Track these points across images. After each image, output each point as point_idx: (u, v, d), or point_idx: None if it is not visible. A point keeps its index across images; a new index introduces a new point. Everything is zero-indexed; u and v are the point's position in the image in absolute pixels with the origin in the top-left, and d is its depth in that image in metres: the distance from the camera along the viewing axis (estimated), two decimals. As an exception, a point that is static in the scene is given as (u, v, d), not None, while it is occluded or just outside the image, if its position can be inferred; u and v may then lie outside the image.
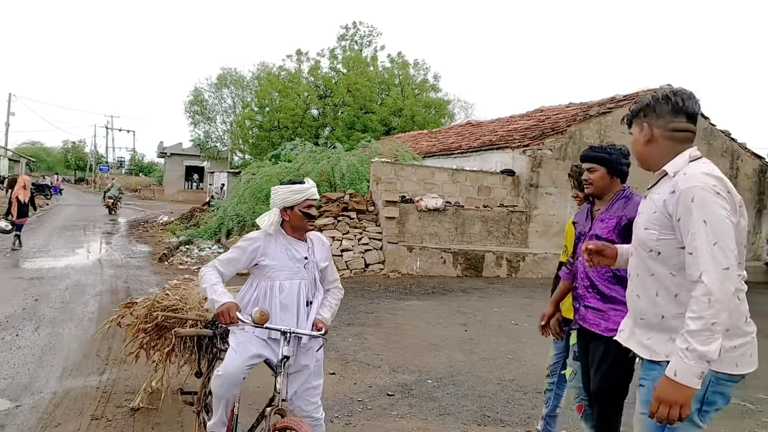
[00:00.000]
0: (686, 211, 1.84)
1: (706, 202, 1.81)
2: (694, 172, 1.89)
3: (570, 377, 3.30)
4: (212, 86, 41.14)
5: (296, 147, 14.19)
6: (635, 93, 13.67)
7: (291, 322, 2.72)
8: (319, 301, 2.88)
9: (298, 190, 2.79)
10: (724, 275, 1.75)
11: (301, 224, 2.82)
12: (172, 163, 43.60)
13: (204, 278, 2.67)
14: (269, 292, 2.74)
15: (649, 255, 1.99)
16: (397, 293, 9.24)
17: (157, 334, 4.02)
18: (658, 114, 2.03)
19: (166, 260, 11.74)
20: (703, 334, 1.73)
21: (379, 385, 4.83)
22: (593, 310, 2.84)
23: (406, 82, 32.21)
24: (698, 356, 1.73)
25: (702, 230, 1.79)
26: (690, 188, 1.84)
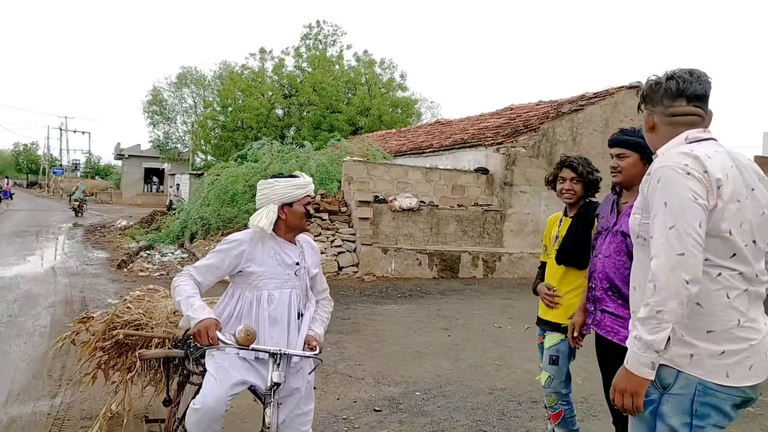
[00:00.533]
0: (653, 192, 1.73)
1: (670, 183, 1.68)
2: (670, 153, 1.77)
3: (546, 382, 3.07)
4: (172, 85, 40.01)
5: (263, 146, 13.69)
6: (605, 90, 13.71)
7: (281, 338, 2.34)
8: (311, 313, 2.50)
9: (300, 184, 2.45)
10: (676, 262, 1.61)
11: (300, 223, 2.47)
12: (131, 166, 42.17)
13: (177, 289, 2.26)
14: (256, 304, 2.36)
15: (637, 242, 1.87)
16: (373, 297, 8.89)
17: (117, 352, 3.56)
18: (655, 100, 1.91)
19: (126, 267, 11.08)
20: (649, 322, 1.63)
21: (364, 399, 4.46)
22: (611, 315, 2.54)
23: (372, 81, 31.89)
24: (644, 344, 1.63)
25: (661, 213, 1.67)
26: (659, 168, 1.73)
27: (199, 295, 2.27)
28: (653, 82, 1.92)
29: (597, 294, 2.61)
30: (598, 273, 2.59)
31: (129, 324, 3.40)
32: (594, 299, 2.63)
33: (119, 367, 3.57)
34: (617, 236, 2.54)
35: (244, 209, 12.98)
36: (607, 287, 2.55)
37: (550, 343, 3.01)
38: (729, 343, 1.68)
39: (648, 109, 1.93)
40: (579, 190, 3.10)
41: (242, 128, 30.44)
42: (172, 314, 3.24)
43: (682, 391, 1.70)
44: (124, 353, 3.54)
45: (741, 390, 1.69)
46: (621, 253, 2.52)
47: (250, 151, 14.26)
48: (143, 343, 3.32)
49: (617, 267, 2.52)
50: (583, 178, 3.08)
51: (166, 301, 3.48)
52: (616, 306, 2.53)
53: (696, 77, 1.86)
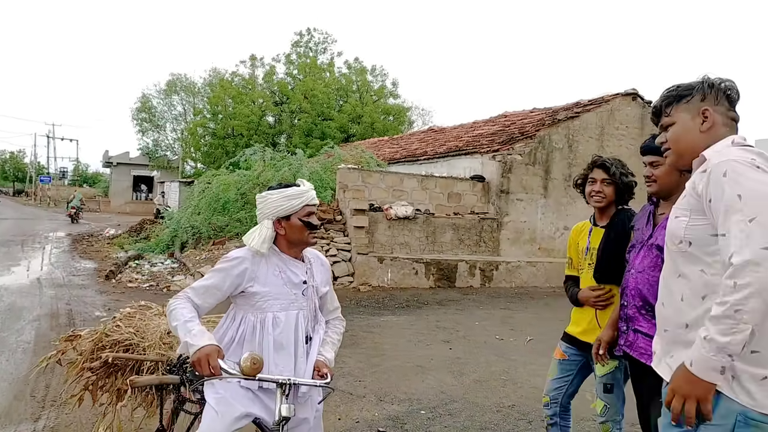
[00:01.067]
0: (717, 187, 1.56)
1: (742, 175, 1.53)
2: (728, 148, 1.65)
3: (602, 412, 2.83)
4: (161, 93, 39.62)
5: (255, 153, 13.47)
6: (600, 97, 13.65)
7: (288, 365, 2.13)
8: (320, 336, 2.28)
9: (295, 194, 2.20)
10: (763, 256, 1.42)
11: (301, 237, 2.22)
12: (119, 173, 41.67)
13: (174, 313, 2.04)
14: (260, 327, 2.14)
15: (679, 249, 1.69)
16: (370, 308, 8.67)
17: (106, 373, 3.32)
18: (719, 99, 1.77)
19: (114, 278, 10.78)
20: (724, 322, 1.44)
21: (366, 419, 4.25)
22: (645, 336, 2.33)
23: (364, 88, 31.80)
24: (716, 347, 1.45)
25: (737, 205, 1.50)
26: (722, 162, 1.58)
27: (197, 319, 2.05)
28: (718, 80, 1.79)
29: (629, 312, 2.41)
30: (630, 290, 2.39)
31: (119, 344, 3.17)
32: (626, 318, 2.43)
33: (108, 389, 3.34)
34: (652, 250, 2.33)
35: (236, 218, 12.75)
36: (641, 305, 2.36)
37: (603, 371, 2.78)
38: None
39: (709, 107, 1.76)
40: (610, 193, 2.86)
41: (233, 136, 30.17)
42: (165, 334, 3.01)
43: (720, 421, 1.52)
44: (113, 374, 3.30)
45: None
46: (656, 268, 2.30)
47: (243, 158, 14.04)
48: (134, 364, 3.10)
49: (651, 284, 2.31)
50: (615, 179, 2.83)
51: (159, 319, 3.25)
52: (650, 326, 2.31)
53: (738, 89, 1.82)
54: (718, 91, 1.78)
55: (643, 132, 13.35)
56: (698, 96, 1.77)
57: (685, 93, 1.79)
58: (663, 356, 1.76)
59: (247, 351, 2.05)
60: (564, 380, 3.03)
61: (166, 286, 10.03)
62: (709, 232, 1.61)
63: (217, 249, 12.17)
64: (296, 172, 12.25)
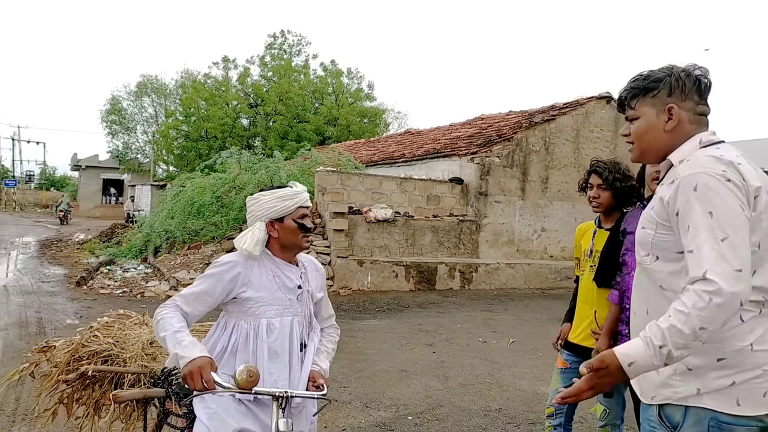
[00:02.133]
0: (687, 201, 1.49)
1: (712, 191, 1.46)
2: (699, 157, 1.54)
3: (602, 416, 2.82)
4: (131, 94, 38.78)
5: (232, 156, 13.25)
6: (575, 100, 13.83)
7: (282, 374, 2.03)
8: (315, 344, 2.19)
9: (289, 195, 2.12)
10: (736, 278, 1.39)
11: (295, 240, 2.13)
12: (88, 177, 40.64)
13: (161, 323, 1.93)
14: (253, 335, 2.03)
15: (645, 261, 1.65)
16: (351, 312, 8.58)
17: (83, 385, 3.17)
18: (688, 94, 1.64)
19: (85, 284, 10.46)
20: (684, 336, 1.39)
21: (353, 426, 4.16)
22: None
23: (340, 90, 31.66)
24: (660, 354, 1.41)
25: (707, 223, 1.44)
26: (692, 175, 1.50)
27: (187, 328, 1.94)
28: (684, 72, 1.65)
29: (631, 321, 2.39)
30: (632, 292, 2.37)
31: (97, 355, 3.02)
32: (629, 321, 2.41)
33: (85, 401, 3.19)
34: None
35: (212, 221, 12.51)
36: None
37: None
38: (740, 372, 1.50)
39: (674, 103, 1.64)
40: (606, 198, 2.83)
41: (206, 138, 29.71)
42: (148, 344, 2.88)
43: (693, 429, 1.52)
44: (90, 386, 3.15)
45: (757, 419, 1.50)
46: None
47: (218, 161, 13.79)
48: (113, 376, 2.96)
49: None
50: (609, 184, 2.81)
51: (139, 328, 3.11)
52: None
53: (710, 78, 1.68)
54: (686, 84, 1.65)
55: (617, 134, 13.56)
56: (665, 90, 1.65)
57: (651, 86, 1.67)
58: None
59: (242, 361, 1.95)
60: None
61: (140, 292, 9.77)
62: (675, 248, 1.56)
63: (192, 253, 11.92)
64: (273, 174, 12.09)
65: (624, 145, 9.22)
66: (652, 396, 1.62)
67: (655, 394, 1.61)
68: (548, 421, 3.03)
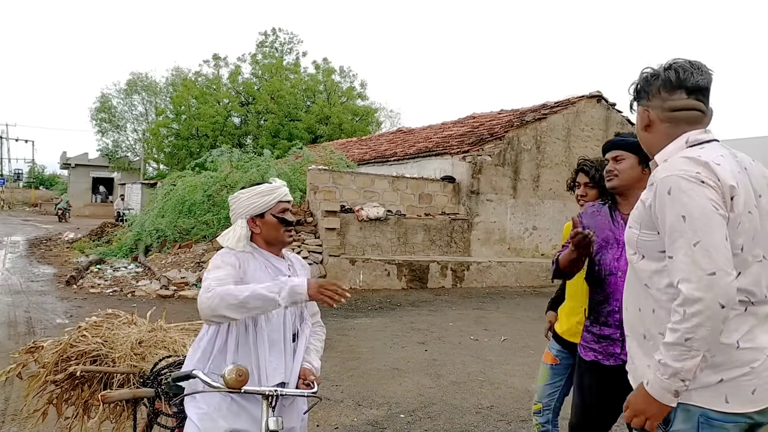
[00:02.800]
0: (662, 205, 1.52)
1: (685, 193, 1.49)
2: (675, 159, 1.58)
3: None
4: (121, 92, 38.44)
5: (222, 154, 13.19)
6: (566, 99, 13.88)
7: (281, 364, 2.05)
8: (307, 335, 2.22)
9: (266, 190, 2.14)
10: (708, 283, 1.42)
11: (278, 234, 2.15)
12: (78, 175, 40.32)
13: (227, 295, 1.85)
14: (252, 325, 2.03)
15: (633, 259, 1.69)
16: (343, 310, 8.56)
17: (72, 385, 3.15)
18: (651, 93, 1.69)
19: (75, 283, 10.37)
20: (676, 349, 1.46)
21: (345, 425, 4.16)
22: None
23: (332, 89, 31.56)
24: (671, 372, 1.47)
25: (681, 228, 1.47)
26: (667, 178, 1.53)
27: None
28: (649, 73, 1.71)
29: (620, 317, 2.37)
30: (621, 294, 2.36)
31: (86, 355, 3.00)
32: (621, 323, 2.39)
33: (74, 402, 3.16)
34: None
35: (203, 220, 12.44)
36: None
37: None
38: (727, 369, 1.53)
39: (643, 105, 1.71)
40: (593, 196, 2.83)
41: (197, 136, 29.55)
42: (137, 344, 2.86)
43: (683, 425, 1.55)
44: (79, 386, 3.13)
45: (746, 416, 1.53)
46: None
47: (209, 159, 13.72)
48: (102, 376, 2.94)
49: None
50: (595, 182, 2.81)
51: (128, 328, 3.09)
52: None
53: (697, 68, 1.66)
54: (650, 84, 1.70)
55: (607, 133, 13.62)
56: (638, 95, 1.74)
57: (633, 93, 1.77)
58: (628, 361, 1.78)
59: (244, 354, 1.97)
60: (556, 385, 2.97)
61: (130, 291, 9.70)
62: (658, 248, 1.59)
63: (183, 252, 11.85)
64: (264, 173, 12.04)
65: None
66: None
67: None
68: (536, 418, 3.03)
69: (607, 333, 2.40)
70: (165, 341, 2.85)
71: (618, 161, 2.39)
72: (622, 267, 2.33)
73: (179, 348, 2.79)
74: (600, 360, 2.42)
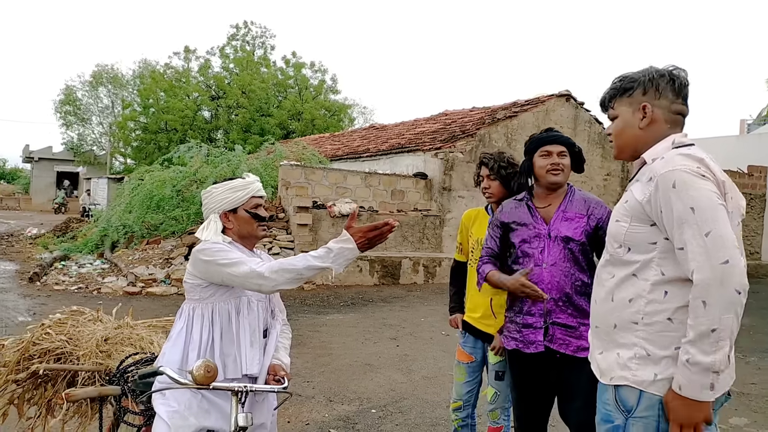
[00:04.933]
0: (668, 199, 1.56)
1: (691, 186, 1.53)
2: (672, 156, 1.63)
3: (492, 399, 2.90)
4: (86, 84, 37.43)
5: (192, 149, 12.96)
6: (536, 98, 14.08)
7: (257, 355, 2.06)
8: (277, 331, 2.22)
9: (239, 186, 2.13)
10: (723, 272, 1.47)
11: (251, 229, 2.15)
12: (41, 169, 39.13)
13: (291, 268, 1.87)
14: (235, 314, 2.04)
15: (617, 252, 1.72)
16: (315, 306, 8.54)
17: (34, 384, 3.07)
18: (662, 92, 1.73)
19: (38, 280, 10.09)
20: (705, 342, 1.46)
21: (317, 420, 4.15)
22: (562, 326, 2.42)
23: (304, 84, 31.28)
24: (703, 368, 1.47)
25: (691, 219, 1.51)
26: (669, 172, 1.57)
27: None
28: (658, 72, 1.74)
29: (548, 306, 2.44)
30: (546, 284, 2.43)
31: (49, 353, 2.92)
32: (545, 312, 2.45)
33: (37, 401, 3.08)
34: (558, 243, 2.44)
35: (172, 215, 12.22)
36: (558, 297, 2.43)
37: (496, 359, 2.82)
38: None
39: (648, 102, 1.72)
40: (496, 187, 2.89)
41: (166, 130, 28.97)
42: (102, 341, 2.80)
43: (646, 413, 1.59)
44: (42, 385, 3.05)
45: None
46: (566, 260, 2.43)
47: (177, 154, 13.46)
48: (67, 374, 2.87)
49: (566, 275, 2.42)
50: (495, 173, 2.87)
51: (94, 325, 3.02)
52: (566, 316, 2.42)
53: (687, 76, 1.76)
54: (659, 84, 1.73)
55: (576, 131, 13.89)
56: (639, 90, 1.74)
57: (627, 86, 1.76)
58: (594, 351, 1.81)
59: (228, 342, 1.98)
60: (474, 382, 3.06)
61: (96, 288, 9.48)
62: (649, 239, 1.63)
63: (151, 248, 11.62)
64: (235, 168, 11.89)
65: (581, 141, 9.59)
66: (610, 377, 1.68)
67: (613, 375, 1.67)
68: (455, 414, 3.09)
69: (530, 322, 2.48)
70: (132, 338, 2.80)
71: (562, 157, 2.49)
72: (547, 259, 2.44)
73: (146, 345, 2.74)
74: (521, 348, 2.51)
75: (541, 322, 2.44)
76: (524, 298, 2.46)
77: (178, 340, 2.00)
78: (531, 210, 2.54)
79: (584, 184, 13.47)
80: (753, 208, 17.36)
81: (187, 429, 1.88)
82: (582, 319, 2.40)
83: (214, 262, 1.97)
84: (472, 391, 3.05)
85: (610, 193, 14.63)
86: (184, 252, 10.61)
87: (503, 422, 2.92)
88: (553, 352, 2.43)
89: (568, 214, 2.49)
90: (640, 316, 1.61)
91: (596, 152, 14.49)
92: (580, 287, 2.43)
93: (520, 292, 2.41)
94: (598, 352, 1.76)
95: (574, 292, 2.41)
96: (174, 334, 2.05)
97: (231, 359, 2.00)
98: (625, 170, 15.10)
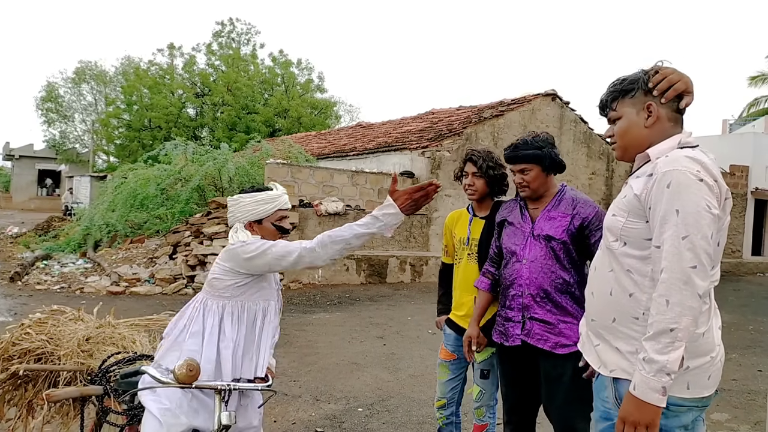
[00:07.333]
0: (659, 197, 1.59)
1: (684, 188, 1.56)
2: (677, 156, 1.64)
3: (477, 397, 2.91)
4: (68, 81, 36.87)
5: (177, 147, 12.83)
6: (523, 97, 14.15)
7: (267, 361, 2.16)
8: (275, 333, 2.28)
9: (268, 198, 2.16)
10: (689, 275, 1.51)
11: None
12: (22, 167, 38.51)
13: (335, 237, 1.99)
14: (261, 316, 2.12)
15: (613, 246, 1.74)
16: (301, 306, 8.51)
17: (14, 385, 3.01)
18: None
19: (20, 279, 9.94)
20: (660, 341, 1.50)
21: (303, 420, 4.14)
22: (540, 322, 2.47)
23: (290, 82, 31.12)
24: (656, 368, 1.49)
25: (673, 220, 1.55)
26: (668, 172, 1.60)
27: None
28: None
29: (525, 301, 2.51)
30: (525, 279, 2.51)
31: (29, 353, 2.87)
32: (522, 307, 2.52)
33: (17, 402, 3.03)
34: (540, 241, 2.51)
35: (156, 214, 12.10)
36: (536, 293, 2.48)
37: (481, 357, 2.84)
38: (693, 358, 1.61)
39: (653, 102, 1.74)
40: (481, 186, 2.90)
41: (150, 128, 28.66)
42: (84, 341, 2.75)
43: None
44: (22, 386, 3.00)
45: (700, 400, 1.63)
46: (547, 257, 2.49)
47: (162, 151, 13.32)
48: (48, 374, 2.82)
49: (545, 272, 2.47)
50: (482, 172, 2.88)
51: (75, 324, 2.97)
52: (544, 312, 2.47)
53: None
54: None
55: (561, 131, 13.98)
56: (641, 90, 1.76)
57: (629, 88, 1.78)
58: (587, 342, 1.83)
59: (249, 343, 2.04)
60: (458, 379, 3.06)
61: (79, 287, 9.36)
62: (644, 235, 1.65)
63: (135, 247, 11.50)
64: (221, 167, 11.80)
65: (567, 140, 9.65)
66: (611, 369, 1.69)
67: (614, 368, 1.68)
68: (439, 412, 3.09)
69: (510, 315, 2.56)
70: (114, 338, 2.77)
71: (525, 173, 2.57)
72: (528, 256, 2.52)
73: (128, 344, 2.71)
74: (503, 341, 2.59)
75: (519, 317, 2.52)
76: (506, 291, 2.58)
77: (212, 338, 2.00)
78: (522, 210, 2.65)
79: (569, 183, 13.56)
80: (735, 207, 17.63)
81: (179, 427, 1.87)
82: (561, 316, 2.44)
83: (262, 253, 2.01)
84: (455, 389, 3.06)
85: (596, 192, 14.76)
86: (169, 251, 10.50)
87: (488, 420, 2.93)
88: (531, 347, 2.48)
89: (552, 214, 2.56)
90: (641, 311, 1.63)
91: (581, 151, 14.60)
92: (560, 285, 2.47)
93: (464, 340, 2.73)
94: (595, 345, 1.78)
95: (553, 289, 2.46)
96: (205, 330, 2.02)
97: (249, 358, 2.04)
98: (609, 169, 15.24)
